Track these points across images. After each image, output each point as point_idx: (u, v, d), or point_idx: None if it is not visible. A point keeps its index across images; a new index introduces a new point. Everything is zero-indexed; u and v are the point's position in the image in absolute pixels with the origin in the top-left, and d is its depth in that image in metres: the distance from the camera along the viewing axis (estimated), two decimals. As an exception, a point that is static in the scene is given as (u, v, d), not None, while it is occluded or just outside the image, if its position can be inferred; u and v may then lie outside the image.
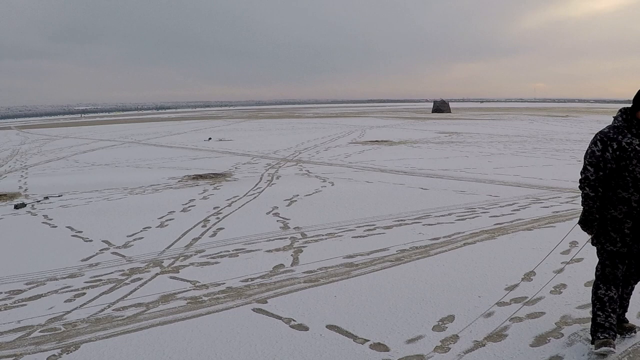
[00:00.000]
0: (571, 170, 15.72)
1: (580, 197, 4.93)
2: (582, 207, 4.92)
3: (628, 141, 4.65)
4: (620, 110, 4.84)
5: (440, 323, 5.53)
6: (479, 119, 56.19)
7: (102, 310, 6.06)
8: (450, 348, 4.99)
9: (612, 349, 4.76)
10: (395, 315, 5.74)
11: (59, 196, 13.62)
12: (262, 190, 13.67)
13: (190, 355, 4.94)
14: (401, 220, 9.98)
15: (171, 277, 7.11)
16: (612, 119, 4.90)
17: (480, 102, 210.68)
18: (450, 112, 76.18)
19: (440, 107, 78.27)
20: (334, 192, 13.24)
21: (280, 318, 5.70)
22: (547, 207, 11.06)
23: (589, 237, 5.06)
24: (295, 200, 12.21)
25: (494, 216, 10.25)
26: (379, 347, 5.04)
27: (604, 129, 4.83)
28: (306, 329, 5.44)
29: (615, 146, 4.67)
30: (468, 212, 10.64)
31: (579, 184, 4.89)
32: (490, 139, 28.62)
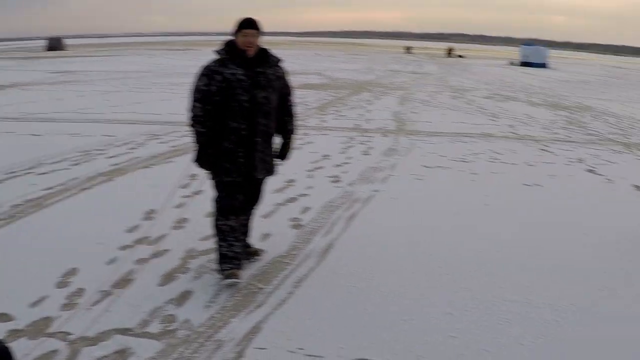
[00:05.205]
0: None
1: (192, 134, 5.00)
2: (194, 145, 5.00)
3: (232, 72, 4.80)
4: (224, 42, 4.96)
5: (64, 279, 5.30)
6: (96, 55, 54.67)
7: None
8: (77, 303, 4.83)
9: (237, 279, 4.95)
10: (11, 279, 5.32)
11: None
12: None
13: None
14: (11, 172, 9.32)
15: None
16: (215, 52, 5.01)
17: (99, 37, 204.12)
18: (65, 49, 72.59)
19: (55, 44, 74.08)
20: None
21: None
22: (165, 142, 11.44)
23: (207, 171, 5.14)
24: None
25: (110, 157, 10.26)
26: (3, 317, 4.58)
27: (208, 62, 4.91)
28: None
29: (219, 78, 4.78)
30: (83, 155, 10.43)
31: (188, 122, 4.94)
32: (106, 76, 28.09)
